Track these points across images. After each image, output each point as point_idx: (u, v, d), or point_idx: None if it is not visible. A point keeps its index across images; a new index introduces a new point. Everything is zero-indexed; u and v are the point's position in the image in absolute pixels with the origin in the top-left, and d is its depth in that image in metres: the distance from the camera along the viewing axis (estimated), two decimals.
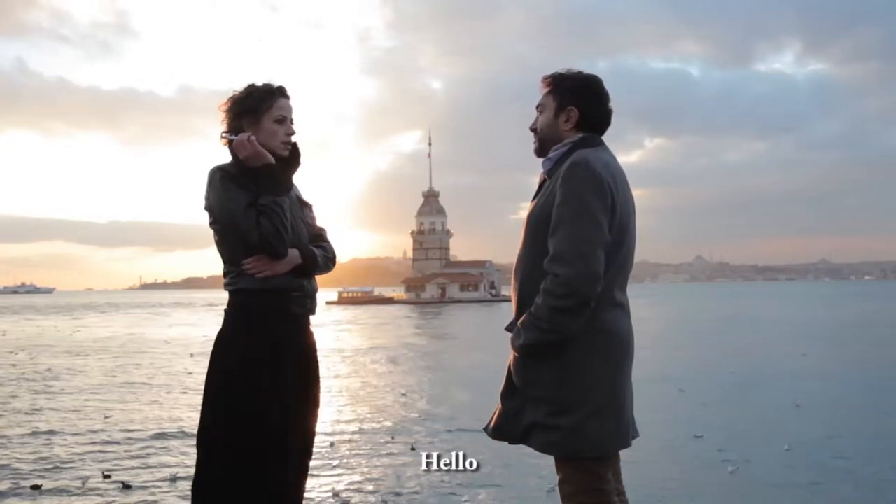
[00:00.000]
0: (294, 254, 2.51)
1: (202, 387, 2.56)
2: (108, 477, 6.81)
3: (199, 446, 2.53)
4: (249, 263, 2.47)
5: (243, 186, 2.47)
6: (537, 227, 2.40)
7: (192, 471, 2.54)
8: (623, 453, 2.47)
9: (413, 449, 7.88)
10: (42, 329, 36.51)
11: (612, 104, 2.54)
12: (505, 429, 2.45)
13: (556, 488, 2.43)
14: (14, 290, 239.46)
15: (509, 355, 2.48)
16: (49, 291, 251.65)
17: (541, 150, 2.56)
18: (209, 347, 2.57)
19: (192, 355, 19.81)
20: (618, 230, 2.36)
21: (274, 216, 2.43)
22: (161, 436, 8.86)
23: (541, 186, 2.52)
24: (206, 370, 2.55)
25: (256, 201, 2.45)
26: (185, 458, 7.34)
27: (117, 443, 8.56)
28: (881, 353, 18.49)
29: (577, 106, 2.48)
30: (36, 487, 6.42)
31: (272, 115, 2.56)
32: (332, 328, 35.24)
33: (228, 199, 2.45)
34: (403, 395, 12.04)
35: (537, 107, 2.58)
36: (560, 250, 2.28)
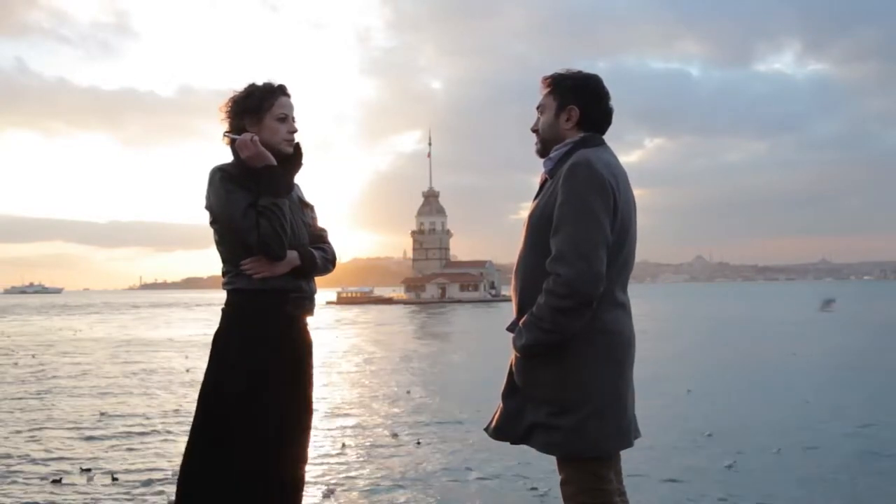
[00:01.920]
0: (293, 255, 2.51)
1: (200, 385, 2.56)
2: (89, 470, 6.82)
3: (192, 442, 2.52)
4: (248, 264, 2.47)
5: (244, 187, 2.47)
6: (538, 227, 2.40)
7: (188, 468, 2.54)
8: (628, 453, 2.46)
9: (419, 444, 7.95)
10: (47, 328, 36.59)
11: (612, 104, 2.54)
12: (506, 429, 2.45)
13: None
14: (22, 290, 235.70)
15: (510, 355, 2.48)
16: (58, 291, 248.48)
17: (543, 151, 2.55)
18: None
19: (186, 357, 19.88)
20: (619, 230, 2.35)
21: (273, 218, 2.43)
22: (157, 432, 8.87)
23: (542, 186, 2.51)
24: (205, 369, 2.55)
25: (257, 202, 2.45)
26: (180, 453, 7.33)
27: (113, 437, 8.57)
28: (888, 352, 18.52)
29: (578, 105, 2.48)
30: (57, 481, 6.45)
31: (274, 114, 2.56)
32: (332, 328, 35.20)
33: (228, 200, 2.45)
34: (408, 392, 12.07)
35: (538, 107, 2.57)
36: (562, 250, 2.28)
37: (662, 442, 7.54)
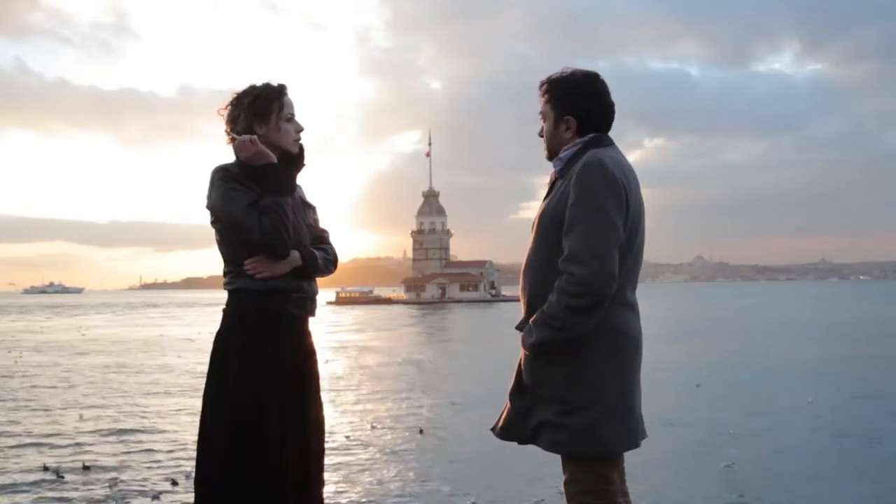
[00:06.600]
0: (294, 255, 2.50)
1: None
2: (89, 468, 6.84)
3: (199, 445, 2.51)
4: (249, 264, 2.46)
5: (246, 186, 2.46)
6: (549, 226, 2.39)
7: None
8: (635, 453, 2.45)
9: (421, 432, 8.01)
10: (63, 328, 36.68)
11: (612, 100, 2.52)
12: (514, 429, 2.44)
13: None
14: (42, 290, 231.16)
15: (520, 354, 2.46)
16: (79, 291, 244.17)
17: (550, 156, 2.55)
18: None
19: (179, 357, 20.00)
20: (630, 230, 2.35)
21: (275, 217, 2.42)
22: (162, 432, 8.88)
23: (552, 186, 2.50)
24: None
25: (258, 201, 2.43)
26: (188, 455, 7.35)
27: (115, 437, 8.58)
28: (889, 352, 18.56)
29: (573, 114, 2.47)
30: (60, 476, 6.48)
31: (283, 115, 2.56)
32: (332, 328, 35.20)
33: (230, 198, 2.44)
34: (423, 392, 12.10)
35: (540, 113, 2.56)
36: (575, 250, 2.27)
37: (671, 441, 7.54)
